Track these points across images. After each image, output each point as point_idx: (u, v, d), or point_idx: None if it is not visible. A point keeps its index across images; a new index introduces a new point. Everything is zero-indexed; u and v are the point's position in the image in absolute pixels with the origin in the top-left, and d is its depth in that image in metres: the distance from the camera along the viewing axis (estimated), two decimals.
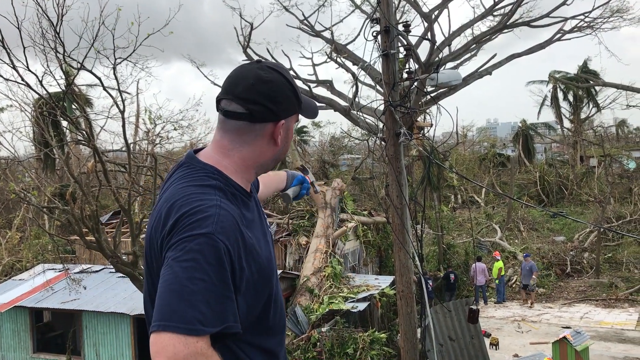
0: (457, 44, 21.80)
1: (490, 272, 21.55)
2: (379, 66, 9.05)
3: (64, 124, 20.14)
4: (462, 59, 22.28)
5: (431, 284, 18.87)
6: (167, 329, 1.39)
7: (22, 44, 9.95)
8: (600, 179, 35.89)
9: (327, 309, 14.22)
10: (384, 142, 8.94)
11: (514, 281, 22.71)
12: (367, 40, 8.48)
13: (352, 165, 37.17)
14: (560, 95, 43.23)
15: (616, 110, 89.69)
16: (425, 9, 20.18)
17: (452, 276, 20.75)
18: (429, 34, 19.74)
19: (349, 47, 21.31)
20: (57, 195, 18.72)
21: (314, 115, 1.95)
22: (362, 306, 14.51)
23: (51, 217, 18.05)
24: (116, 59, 11.03)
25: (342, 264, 16.63)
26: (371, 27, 8.63)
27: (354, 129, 30.07)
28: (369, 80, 20.70)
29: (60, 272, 15.37)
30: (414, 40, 17.18)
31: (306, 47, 53.08)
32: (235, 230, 1.56)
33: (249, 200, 1.77)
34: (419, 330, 9.84)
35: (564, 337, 12.92)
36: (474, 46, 22.00)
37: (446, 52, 21.01)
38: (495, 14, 21.83)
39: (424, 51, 20.76)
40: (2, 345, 15.72)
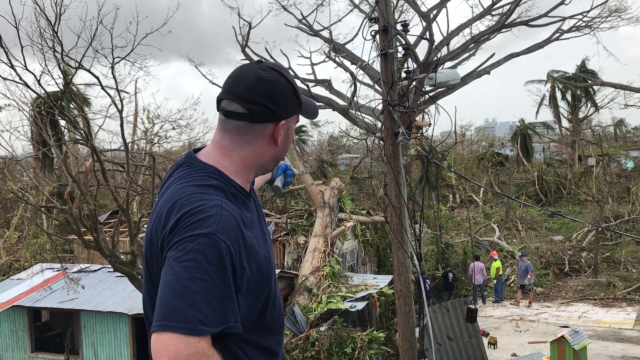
0: (456, 43, 21.84)
1: (488, 271, 21.57)
2: (377, 65, 9.05)
3: (62, 123, 20.10)
4: (461, 59, 22.31)
5: (429, 284, 18.88)
6: (168, 329, 1.39)
7: (20, 43, 9.92)
8: (598, 179, 35.93)
9: (326, 309, 14.23)
10: (382, 142, 8.94)
11: (512, 280, 22.74)
12: (365, 39, 8.48)
13: (351, 164, 37.16)
14: (558, 94, 43.27)
15: (614, 109, 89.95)
16: (423, 9, 20.20)
17: (450, 275, 20.77)
18: (428, 34, 19.76)
19: (348, 46, 21.37)
20: (55, 194, 18.68)
21: (314, 115, 1.96)
22: (360, 305, 14.52)
23: (49, 216, 18.02)
24: (114, 58, 11.02)
25: (340, 264, 16.65)
26: (369, 27, 8.62)
27: (353, 128, 30.08)
28: (367, 79, 20.72)
29: (58, 271, 15.35)
30: (412, 39, 17.20)
31: (305, 46, 53.19)
32: (236, 230, 1.56)
33: (248, 200, 1.77)
34: (418, 329, 9.85)
35: (562, 337, 12.94)
36: (473, 45, 22.03)
37: (444, 51, 21.04)
38: (493, 13, 21.87)
39: (422, 50, 20.80)
40: (0, 344, 15.71)
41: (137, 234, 12.07)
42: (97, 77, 11.36)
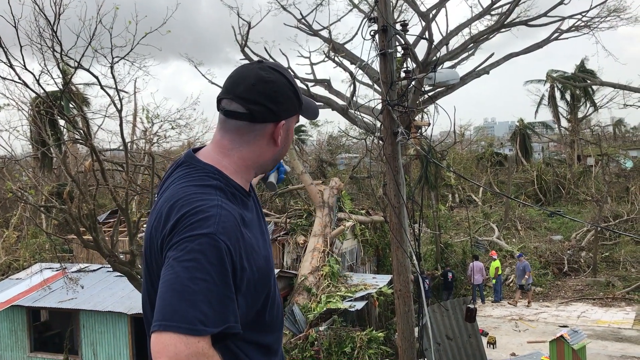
0: (455, 43, 21.88)
1: (487, 271, 21.58)
2: (376, 65, 9.05)
3: (62, 122, 20.07)
4: (460, 58, 22.35)
5: (428, 283, 18.90)
6: (168, 329, 1.39)
7: (19, 43, 9.91)
8: (597, 178, 35.95)
9: (325, 308, 14.24)
10: (381, 141, 8.95)
11: (511, 280, 22.75)
12: (364, 39, 8.48)
13: (350, 164, 37.16)
14: (557, 94, 43.28)
15: (613, 109, 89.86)
16: (422, 8, 20.23)
17: (449, 275, 20.78)
18: (427, 33, 19.78)
19: (347, 46, 21.40)
20: (55, 194, 18.67)
21: (315, 116, 1.95)
22: (359, 305, 14.52)
23: (48, 216, 18.02)
24: (114, 58, 11.01)
25: (339, 263, 16.65)
26: (369, 26, 8.63)
27: (352, 128, 30.10)
28: (366, 79, 20.76)
29: (57, 271, 15.34)
30: (411, 39, 17.22)
31: (304, 46, 53.11)
32: (236, 230, 1.56)
33: (248, 199, 1.77)
34: (417, 329, 9.86)
35: (561, 336, 12.95)
36: (472, 45, 22.05)
37: (444, 51, 21.06)
38: (492, 13, 21.89)
39: (421, 50, 20.83)
40: None
41: (137, 233, 12.07)
42: (97, 77, 11.35)
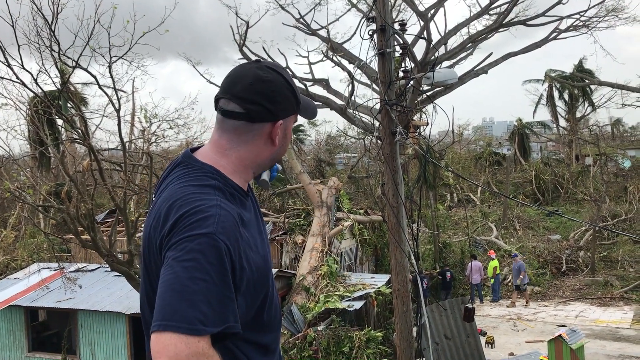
0: (453, 42, 21.88)
1: (485, 270, 21.60)
2: (375, 65, 9.05)
3: (59, 122, 20.08)
4: (458, 58, 22.35)
5: (427, 283, 18.90)
6: (168, 329, 1.38)
7: (17, 42, 9.90)
8: (595, 178, 36.00)
9: (323, 308, 14.24)
10: (380, 141, 8.95)
11: (509, 280, 22.77)
12: (363, 38, 8.50)
13: (348, 164, 37.16)
14: (556, 94, 43.36)
15: (611, 109, 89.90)
16: (421, 8, 20.23)
17: (448, 275, 20.78)
18: (425, 33, 19.79)
19: (345, 45, 21.37)
20: (53, 193, 18.66)
21: (313, 115, 1.95)
22: (358, 305, 14.52)
23: (46, 215, 17.99)
24: (112, 57, 11.01)
25: (338, 263, 16.65)
26: (367, 26, 8.63)
27: (350, 127, 30.11)
28: (365, 79, 20.75)
29: (55, 271, 15.33)
30: (410, 39, 17.23)
31: (302, 45, 53.26)
32: (235, 230, 1.56)
33: (246, 199, 1.77)
34: (415, 328, 9.86)
35: (560, 336, 12.96)
36: (470, 45, 22.05)
37: (442, 50, 21.06)
38: (491, 12, 21.89)
39: (420, 50, 20.82)
40: None
41: (135, 233, 12.06)
42: (95, 76, 11.35)
